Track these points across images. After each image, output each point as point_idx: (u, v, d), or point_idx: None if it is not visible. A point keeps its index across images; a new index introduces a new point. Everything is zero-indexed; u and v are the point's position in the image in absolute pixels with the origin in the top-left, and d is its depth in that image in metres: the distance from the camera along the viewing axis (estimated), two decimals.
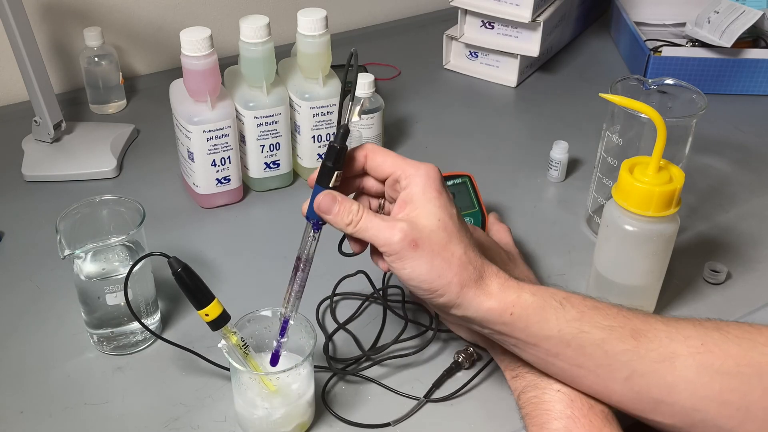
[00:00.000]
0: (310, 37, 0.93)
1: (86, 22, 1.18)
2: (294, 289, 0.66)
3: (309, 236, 0.66)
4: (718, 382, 0.59)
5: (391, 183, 0.65)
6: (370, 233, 0.61)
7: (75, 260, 0.72)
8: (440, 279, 0.60)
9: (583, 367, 0.61)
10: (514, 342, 0.63)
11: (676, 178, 0.72)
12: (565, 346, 0.61)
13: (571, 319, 0.61)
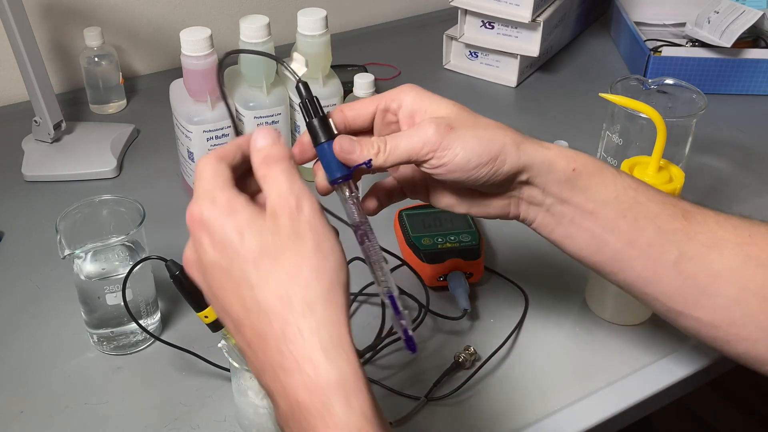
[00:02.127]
0: (310, 37, 0.93)
1: (86, 22, 1.18)
2: (373, 262, 0.57)
3: (346, 200, 0.58)
4: (761, 275, 0.57)
5: (381, 118, 0.60)
6: (403, 146, 0.56)
7: (75, 260, 0.72)
8: (494, 143, 0.56)
9: (635, 247, 0.58)
10: (571, 213, 0.59)
11: (676, 178, 0.72)
12: (621, 217, 0.58)
13: (627, 186, 0.59)
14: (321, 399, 0.42)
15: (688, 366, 0.76)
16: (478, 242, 0.85)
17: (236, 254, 0.45)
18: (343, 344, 0.43)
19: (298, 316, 0.43)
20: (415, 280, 0.84)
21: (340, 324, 0.44)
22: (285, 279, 0.44)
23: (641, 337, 0.79)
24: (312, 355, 0.42)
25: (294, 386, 0.42)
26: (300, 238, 0.45)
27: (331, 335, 0.43)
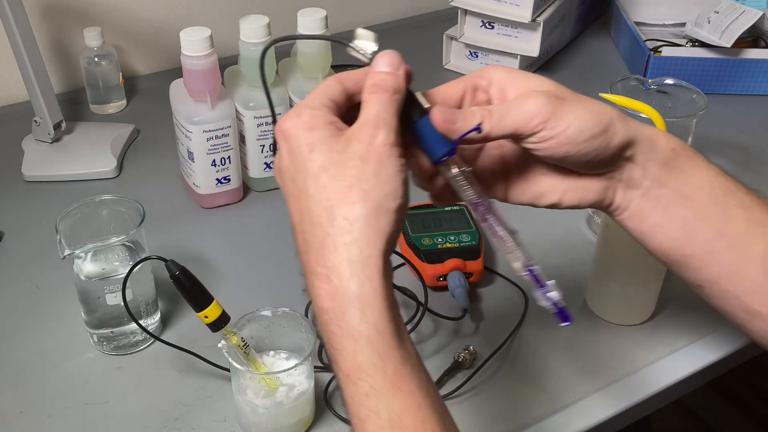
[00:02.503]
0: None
1: (86, 22, 1.18)
2: (502, 237, 0.54)
3: (455, 178, 0.53)
4: None
5: (470, 98, 0.57)
6: (511, 116, 0.52)
7: (75, 260, 0.72)
8: (604, 115, 0.54)
9: (725, 236, 0.56)
10: (667, 199, 0.56)
11: None
12: (714, 203, 0.56)
13: (718, 173, 0.58)
14: (340, 307, 0.45)
15: (688, 366, 0.76)
16: (478, 242, 0.85)
17: (302, 165, 0.48)
18: (370, 262, 0.45)
19: (337, 231, 0.46)
20: (415, 280, 0.84)
21: (373, 245, 0.45)
22: (336, 195, 0.46)
23: (641, 337, 0.79)
24: (339, 268, 0.45)
25: (322, 293, 0.46)
26: (363, 162, 0.47)
27: (361, 252, 0.45)
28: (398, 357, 0.45)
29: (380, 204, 0.46)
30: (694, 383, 0.77)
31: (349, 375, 0.45)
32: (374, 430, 0.44)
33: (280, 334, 0.70)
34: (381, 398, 0.44)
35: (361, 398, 0.45)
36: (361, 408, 0.45)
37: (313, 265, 0.46)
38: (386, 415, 0.44)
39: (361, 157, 0.47)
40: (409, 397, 0.45)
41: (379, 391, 0.44)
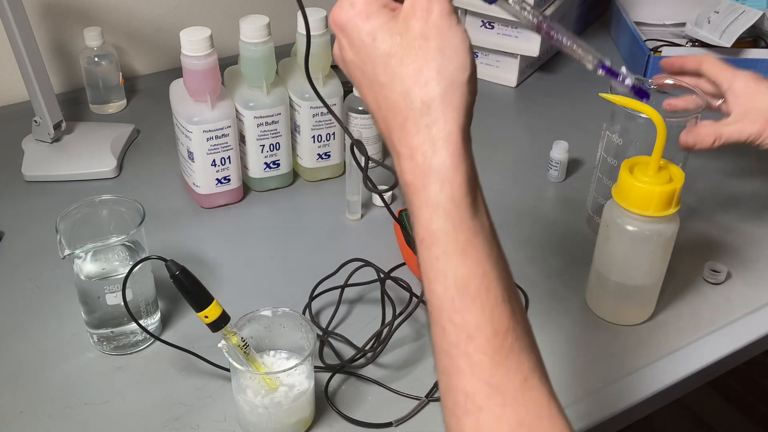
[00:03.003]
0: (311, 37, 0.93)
1: (86, 22, 1.18)
2: (572, 47, 0.59)
3: (514, 5, 0.54)
4: None
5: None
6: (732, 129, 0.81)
7: (75, 260, 0.72)
8: None
9: None
10: None
11: (676, 178, 0.72)
12: None
13: None
14: (422, 181, 0.47)
15: (688, 366, 0.76)
16: None
17: (369, 56, 0.49)
18: (450, 139, 0.47)
19: (416, 114, 0.47)
20: (416, 280, 0.84)
21: (453, 121, 0.47)
22: (408, 79, 0.48)
23: (641, 337, 0.79)
24: (422, 147, 0.47)
25: (405, 170, 0.48)
26: (426, 40, 0.48)
27: (441, 131, 0.47)
28: (471, 228, 0.47)
29: (452, 80, 0.47)
30: (694, 383, 0.77)
31: (423, 240, 0.47)
32: (440, 290, 0.46)
33: (280, 334, 0.70)
34: (449, 263, 0.46)
35: (432, 261, 0.47)
36: (431, 270, 0.47)
37: (397, 146, 0.49)
38: (453, 278, 0.46)
39: (422, 35, 0.48)
40: (477, 265, 0.46)
41: (449, 257, 0.46)
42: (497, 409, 0.44)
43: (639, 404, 0.73)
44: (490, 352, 0.45)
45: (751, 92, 0.81)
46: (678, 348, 0.78)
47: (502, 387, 0.44)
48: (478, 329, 0.45)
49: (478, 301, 0.45)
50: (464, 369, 0.45)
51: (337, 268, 0.83)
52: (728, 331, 0.80)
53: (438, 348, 0.47)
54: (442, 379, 0.47)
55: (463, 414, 0.45)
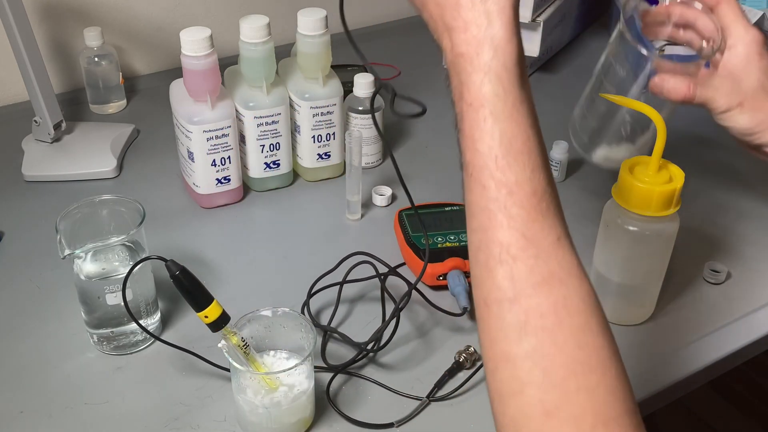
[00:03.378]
0: (310, 37, 0.93)
1: (86, 22, 1.18)
2: None
3: None
4: None
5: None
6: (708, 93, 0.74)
7: (75, 260, 0.72)
8: (759, 127, 0.74)
9: None
10: None
11: (676, 177, 0.72)
12: None
13: None
14: (476, 49, 0.49)
15: (688, 366, 0.76)
16: None
17: None
18: (505, 12, 0.49)
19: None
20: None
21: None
22: None
23: (641, 337, 0.79)
24: (476, 19, 0.49)
25: (459, 42, 0.50)
26: None
27: (495, 4, 0.49)
28: (518, 96, 0.48)
29: None
30: (694, 383, 0.77)
31: (471, 104, 0.49)
32: (485, 149, 0.48)
33: (280, 334, 0.70)
34: (497, 124, 0.48)
35: (479, 122, 0.48)
36: (476, 130, 0.48)
37: (450, 21, 0.51)
38: (499, 136, 0.47)
39: None
40: (522, 128, 0.48)
41: (496, 118, 0.48)
42: (531, 260, 0.45)
43: (639, 404, 0.73)
44: (528, 208, 0.46)
45: (747, 64, 0.75)
46: (678, 348, 0.78)
47: (536, 240, 0.46)
48: (518, 186, 0.47)
49: (520, 160, 0.47)
50: (502, 222, 0.46)
51: (337, 264, 0.83)
52: (728, 331, 0.80)
53: (475, 206, 0.48)
54: (477, 235, 0.48)
55: (497, 264, 0.46)
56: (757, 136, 0.75)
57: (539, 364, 0.43)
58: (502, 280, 0.45)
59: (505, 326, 0.44)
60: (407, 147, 1.11)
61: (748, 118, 0.74)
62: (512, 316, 0.44)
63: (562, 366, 0.43)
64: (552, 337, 0.43)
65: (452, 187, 0.88)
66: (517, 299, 0.44)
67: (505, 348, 0.44)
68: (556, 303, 0.44)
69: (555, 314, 0.44)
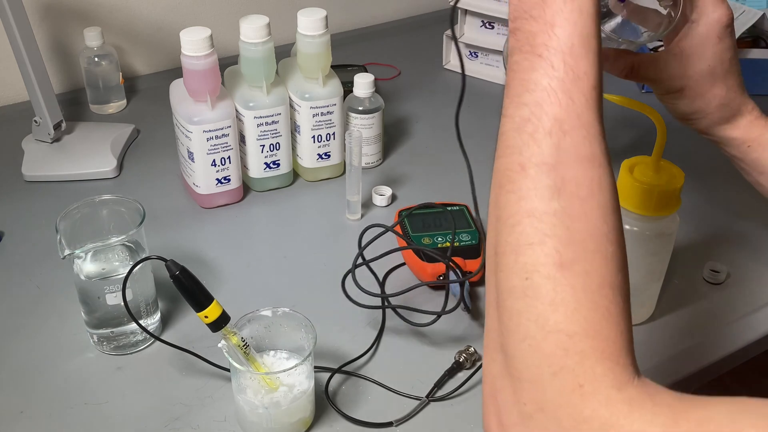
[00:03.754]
0: (310, 37, 0.93)
1: (86, 22, 1.18)
2: None
3: None
4: None
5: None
6: (650, 74, 0.72)
7: (75, 260, 0.72)
8: (697, 114, 0.73)
9: None
10: (739, 164, 0.75)
11: (676, 177, 0.72)
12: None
13: None
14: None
15: (689, 366, 0.76)
16: (478, 242, 0.85)
17: None
18: None
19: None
20: (415, 279, 0.84)
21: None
22: None
23: (641, 337, 0.79)
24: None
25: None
26: None
27: None
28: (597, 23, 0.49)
29: None
30: (694, 383, 0.77)
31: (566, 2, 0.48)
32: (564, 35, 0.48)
33: (280, 334, 0.70)
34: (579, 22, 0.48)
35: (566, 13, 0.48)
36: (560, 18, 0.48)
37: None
38: (579, 32, 0.48)
39: None
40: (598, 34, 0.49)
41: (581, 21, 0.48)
42: (579, 138, 0.46)
43: None
44: (588, 97, 0.47)
45: (702, 47, 0.70)
46: (678, 348, 0.78)
47: (588, 124, 0.47)
48: (586, 75, 0.48)
49: (591, 55, 0.48)
50: (561, 101, 0.47)
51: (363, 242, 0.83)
52: (728, 331, 0.80)
53: (534, 83, 0.48)
54: (529, 108, 0.48)
55: (546, 135, 0.47)
56: (692, 122, 0.74)
57: (564, 222, 0.45)
58: (548, 148, 0.46)
59: (540, 187, 0.46)
60: (407, 147, 1.11)
61: (686, 104, 0.73)
62: (549, 180, 0.46)
63: (585, 230, 0.45)
64: (582, 205, 0.45)
65: (452, 187, 0.88)
66: (557, 167, 0.46)
67: (535, 205, 0.45)
68: (592, 179, 0.46)
69: (589, 188, 0.46)
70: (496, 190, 0.49)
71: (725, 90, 0.72)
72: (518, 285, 0.45)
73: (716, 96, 0.72)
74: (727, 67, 0.71)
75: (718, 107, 0.72)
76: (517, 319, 0.44)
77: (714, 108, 0.72)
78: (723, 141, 0.75)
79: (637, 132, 1.11)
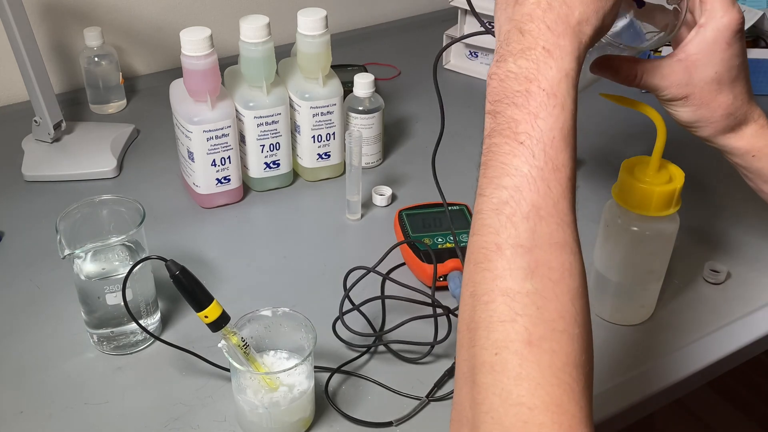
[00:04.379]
0: (310, 37, 0.93)
1: (86, 22, 1.18)
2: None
3: None
4: None
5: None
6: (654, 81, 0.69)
7: (75, 260, 0.72)
8: (700, 122, 0.70)
9: None
10: (743, 172, 0.75)
11: (676, 177, 0.72)
12: None
13: None
14: (560, 53, 0.53)
15: (688, 366, 0.76)
16: None
17: None
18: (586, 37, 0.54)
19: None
20: (415, 280, 0.84)
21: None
22: None
23: (641, 337, 0.79)
24: (571, 39, 0.54)
25: (548, 38, 0.55)
26: None
27: (587, 27, 0.54)
28: (575, 96, 0.53)
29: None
30: (694, 383, 0.77)
31: (545, 89, 0.52)
32: (546, 127, 0.50)
33: (280, 334, 0.70)
34: (562, 114, 0.51)
35: (549, 107, 0.51)
36: (543, 111, 0.51)
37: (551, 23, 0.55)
38: (561, 124, 0.51)
39: None
40: (575, 121, 0.52)
41: (563, 109, 0.51)
42: (554, 225, 0.49)
43: (639, 404, 0.73)
44: (564, 187, 0.50)
45: (710, 53, 0.67)
46: (678, 348, 0.78)
47: (563, 213, 0.50)
48: (564, 166, 0.50)
49: (570, 148, 0.51)
50: (539, 189, 0.49)
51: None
52: (728, 331, 0.80)
53: (515, 169, 0.50)
54: (508, 192, 0.50)
55: (523, 219, 0.49)
56: (695, 130, 0.72)
57: (536, 302, 0.47)
58: (524, 231, 0.48)
59: (515, 267, 0.48)
60: (407, 147, 1.11)
61: (689, 112, 0.70)
62: (524, 262, 0.48)
63: (555, 310, 0.47)
64: (553, 287, 0.47)
65: (452, 188, 0.88)
66: (532, 250, 0.48)
67: (509, 285, 0.47)
68: (563, 264, 0.48)
69: (560, 272, 0.48)
70: (471, 266, 0.50)
71: (731, 98, 0.69)
72: (488, 360, 0.46)
73: (722, 104, 0.69)
74: (735, 75, 0.68)
75: (723, 116, 0.69)
76: (484, 393, 0.46)
77: (719, 117, 0.69)
78: (726, 150, 0.73)
79: (637, 132, 1.11)
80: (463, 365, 0.49)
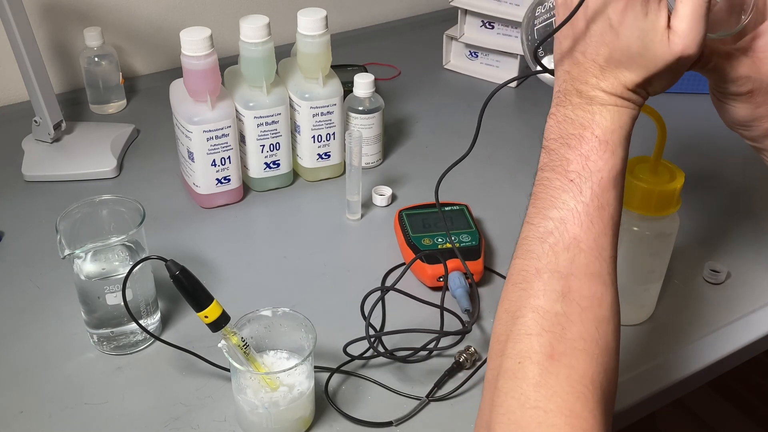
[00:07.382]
0: (310, 37, 0.93)
1: (86, 22, 1.18)
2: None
3: None
4: None
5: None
6: (724, 64, 0.64)
7: (75, 260, 0.72)
8: (756, 121, 0.66)
9: None
10: None
11: (676, 177, 0.72)
12: None
13: None
14: (623, 103, 0.58)
15: (689, 366, 0.76)
16: (478, 242, 0.85)
17: None
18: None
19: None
20: (416, 280, 0.84)
21: None
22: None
23: (641, 337, 0.79)
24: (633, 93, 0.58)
25: (614, 87, 0.57)
26: None
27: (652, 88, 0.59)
28: (626, 145, 0.57)
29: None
30: (695, 383, 0.77)
31: (598, 136, 0.56)
32: (596, 169, 0.55)
33: (280, 334, 0.70)
34: (611, 159, 0.55)
35: (600, 152, 0.55)
36: (594, 154, 0.55)
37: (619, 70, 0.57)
38: (610, 167, 0.55)
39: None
40: (623, 165, 0.56)
41: (613, 154, 0.55)
42: (592, 258, 0.53)
43: (639, 404, 0.73)
44: (606, 224, 0.54)
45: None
46: (678, 348, 0.78)
47: (602, 248, 0.54)
48: (608, 205, 0.54)
49: (617, 189, 0.55)
50: (583, 223, 0.54)
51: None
52: (728, 331, 0.80)
53: (561, 202, 0.54)
54: (553, 223, 0.54)
55: (564, 250, 0.53)
56: (746, 129, 0.67)
57: (562, 322, 0.51)
58: (564, 260, 0.53)
59: (549, 290, 0.52)
60: (407, 147, 1.11)
61: (749, 109, 0.65)
62: (558, 286, 0.52)
63: (578, 333, 0.51)
64: (581, 313, 0.51)
65: (452, 188, 0.88)
66: (568, 277, 0.52)
67: (540, 303, 0.52)
68: (594, 294, 0.52)
69: (590, 301, 0.52)
70: (509, 286, 0.55)
71: None
72: (511, 368, 0.51)
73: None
74: None
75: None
76: (503, 396, 0.50)
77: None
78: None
79: (637, 132, 1.11)
80: (490, 374, 0.53)
